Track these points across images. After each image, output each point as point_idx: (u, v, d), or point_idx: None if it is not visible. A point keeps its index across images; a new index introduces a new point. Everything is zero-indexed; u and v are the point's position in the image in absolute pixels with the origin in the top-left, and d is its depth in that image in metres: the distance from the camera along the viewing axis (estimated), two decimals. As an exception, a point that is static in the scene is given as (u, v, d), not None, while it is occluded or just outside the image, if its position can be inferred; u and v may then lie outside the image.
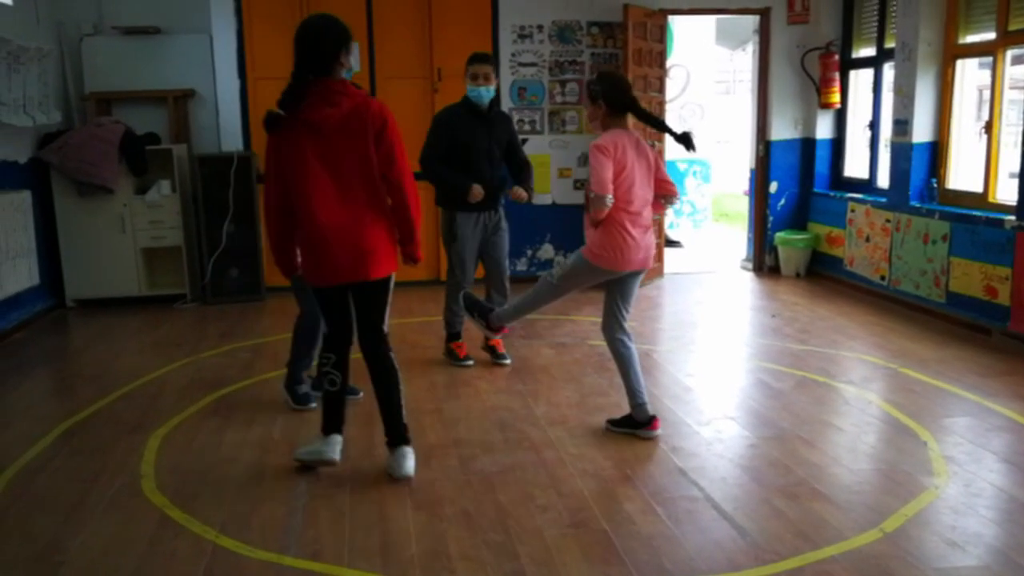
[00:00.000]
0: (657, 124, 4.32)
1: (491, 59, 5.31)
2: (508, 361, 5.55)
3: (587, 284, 4.50)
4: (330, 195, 3.60)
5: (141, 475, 3.93)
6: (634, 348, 4.39)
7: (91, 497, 3.71)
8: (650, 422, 4.32)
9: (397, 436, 3.91)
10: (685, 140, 4.19)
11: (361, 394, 4.87)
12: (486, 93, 5.23)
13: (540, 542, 3.27)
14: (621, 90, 4.25)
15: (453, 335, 5.61)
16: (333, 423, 3.95)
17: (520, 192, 5.34)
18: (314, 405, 4.70)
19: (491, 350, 5.61)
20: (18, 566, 3.15)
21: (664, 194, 4.42)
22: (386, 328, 3.90)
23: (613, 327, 4.39)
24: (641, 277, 4.39)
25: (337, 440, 3.93)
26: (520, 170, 5.46)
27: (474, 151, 5.27)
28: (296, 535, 3.35)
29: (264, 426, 4.54)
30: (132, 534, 3.38)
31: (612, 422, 4.44)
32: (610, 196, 4.12)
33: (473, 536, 3.32)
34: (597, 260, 4.25)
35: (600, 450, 4.16)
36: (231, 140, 7.75)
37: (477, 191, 5.21)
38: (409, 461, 3.87)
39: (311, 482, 3.84)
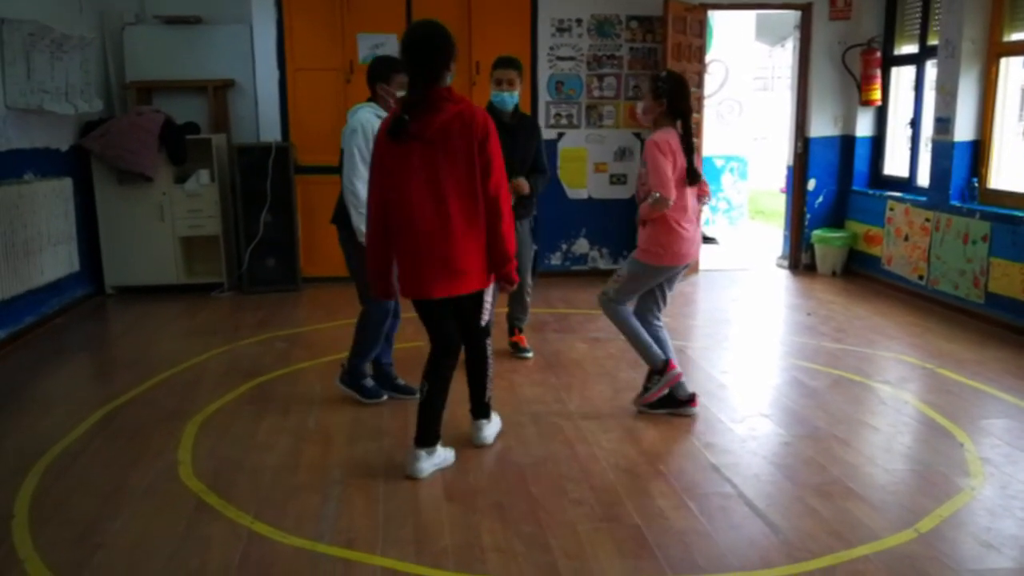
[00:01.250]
0: (690, 145, 4.31)
1: (516, 63, 5.21)
2: (530, 355, 5.57)
3: (649, 287, 4.44)
4: (427, 205, 3.55)
5: (178, 461, 3.99)
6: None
7: (129, 482, 3.78)
8: (668, 363, 4.45)
9: (479, 410, 4.15)
10: (693, 175, 4.30)
11: (417, 394, 4.88)
12: (509, 99, 5.15)
13: (572, 535, 3.28)
14: (685, 96, 4.30)
15: (510, 330, 5.69)
16: (418, 434, 3.86)
17: (521, 183, 5.16)
18: (385, 397, 4.75)
19: (514, 345, 5.64)
20: (57, 548, 3.21)
21: (698, 194, 4.47)
22: (484, 322, 3.93)
23: (651, 312, 4.45)
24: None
25: (417, 455, 3.82)
26: (531, 172, 5.34)
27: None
28: (330, 523, 3.38)
29: (300, 415, 4.59)
30: (169, 519, 3.43)
31: (639, 396, 4.55)
32: (672, 199, 4.17)
33: (506, 528, 3.34)
34: (658, 259, 4.29)
35: (633, 445, 4.15)
36: (270, 130, 7.82)
37: (521, 184, 5.14)
38: (486, 431, 4.12)
39: (345, 471, 3.87)
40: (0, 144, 5.93)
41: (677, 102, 4.26)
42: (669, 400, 4.52)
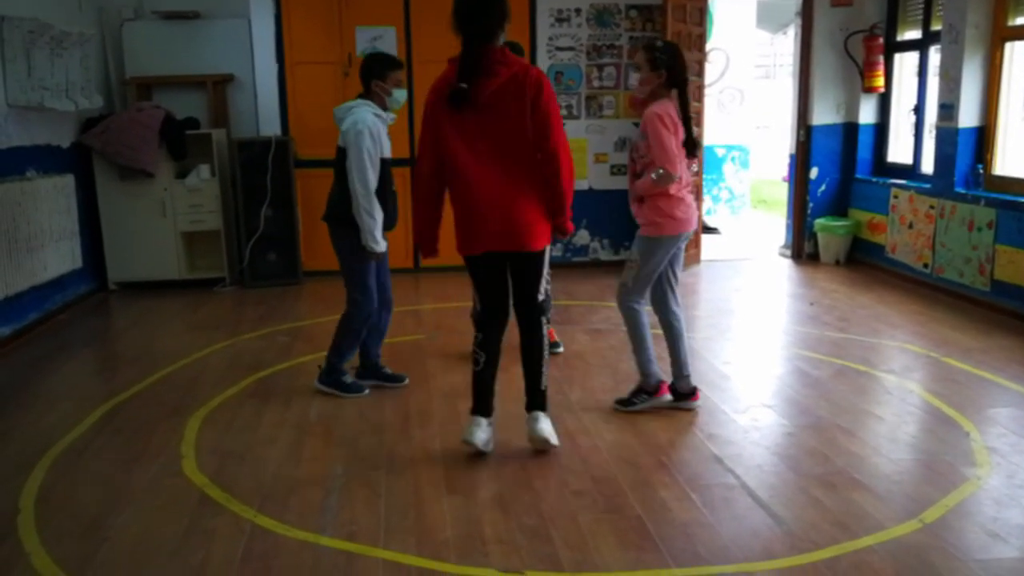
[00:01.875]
0: (687, 115, 4.25)
1: (519, 48, 5.14)
2: (560, 349, 5.51)
3: (663, 265, 4.34)
4: (486, 165, 3.58)
5: (182, 455, 3.99)
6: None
7: (133, 476, 3.78)
8: (660, 386, 4.41)
9: (535, 402, 3.96)
10: (692, 146, 4.24)
11: (407, 380, 4.89)
12: None
13: (574, 527, 3.27)
14: (683, 66, 4.22)
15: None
16: (477, 403, 3.92)
17: None
18: (367, 391, 4.74)
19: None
20: (63, 542, 3.22)
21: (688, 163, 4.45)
22: (541, 297, 3.89)
23: (668, 302, 4.41)
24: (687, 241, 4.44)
25: (477, 422, 3.88)
26: None
27: None
28: (332, 516, 3.38)
29: (302, 408, 4.59)
30: (173, 513, 3.43)
31: (622, 402, 4.48)
32: (677, 175, 4.12)
33: (507, 520, 3.33)
34: (664, 229, 4.22)
35: (635, 436, 4.14)
36: (269, 125, 7.80)
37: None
38: (542, 424, 3.91)
39: (347, 464, 3.87)
40: (1, 142, 5.92)
41: (677, 73, 4.17)
42: (672, 393, 4.49)
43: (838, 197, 8.47)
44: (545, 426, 3.94)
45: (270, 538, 3.22)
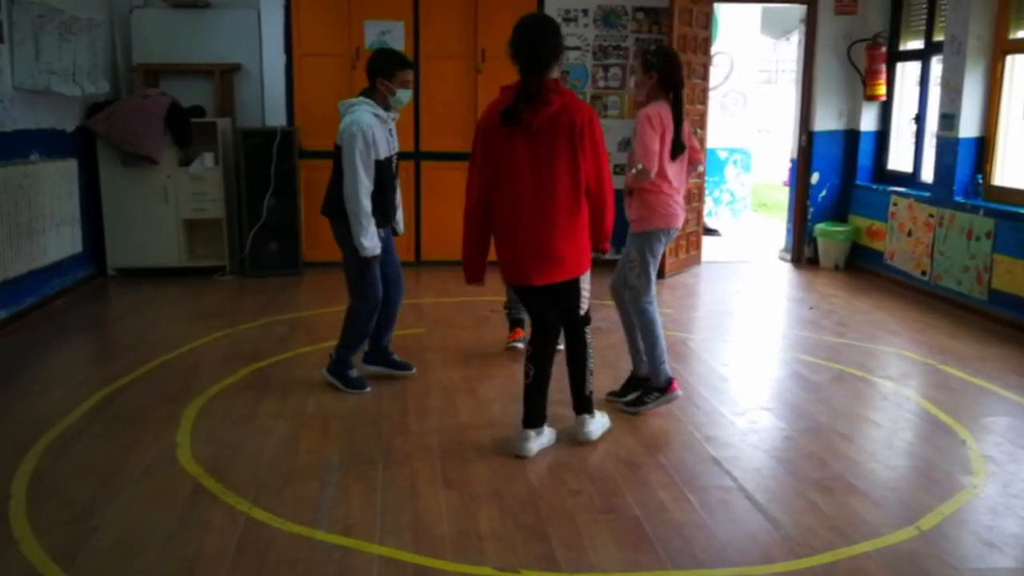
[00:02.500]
0: (679, 118, 4.34)
1: None
2: (559, 347, 5.48)
3: (658, 258, 4.46)
4: (530, 195, 3.64)
5: (177, 444, 3.98)
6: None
7: (127, 464, 3.77)
8: (671, 382, 4.46)
9: (580, 405, 4.01)
10: (678, 147, 4.33)
11: (414, 369, 4.89)
12: None
13: (571, 525, 3.27)
14: (675, 69, 4.34)
15: (513, 322, 5.60)
16: (528, 415, 3.93)
17: None
18: (368, 389, 4.70)
19: None
20: (55, 529, 3.20)
21: (691, 160, 4.56)
22: (583, 311, 3.94)
23: (649, 292, 4.44)
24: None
25: (527, 435, 3.90)
26: None
27: None
28: (328, 510, 3.38)
29: (299, 400, 4.58)
30: (166, 502, 3.42)
31: (628, 402, 4.52)
32: (654, 172, 4.22)
33: (504, 517, 3.33)
34: (655, 223, 4.34)
35: (634, 436, 4.14)
36: (275, 115, 7.79)
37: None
38: (588, 427, 3.98)
39: (344, 457, 3.87)
40: (7, 124, 5.90)
41: (669, 75, 4.29)
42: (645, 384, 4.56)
43: (838, 203, 8.48)
44: (592, 428, 4.02)
45: (264, 530, 3.21)
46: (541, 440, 3.94)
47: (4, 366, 5.12)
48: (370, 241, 4.46)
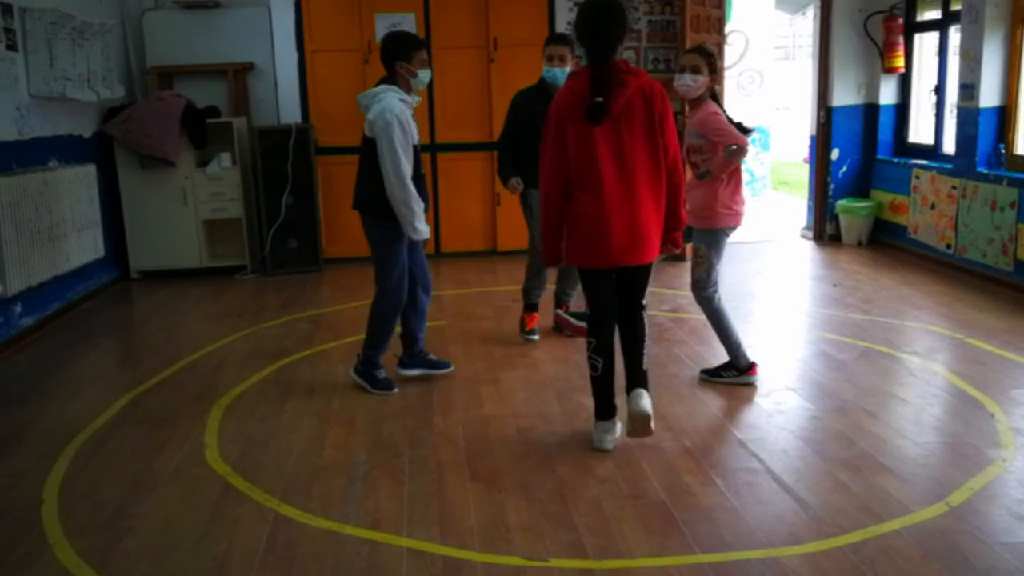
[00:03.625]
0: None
1: (568, 40, 5.22)
2: (570, 333, 5.50)
3: (723, 254, 4.62)
4: (613, 177, 3.62)
5: (205, 444, 4.01)
6: None
7: (156, 465, 3.81)
8: (752, 367, 4.59)
9: (638, 380, 3.85)
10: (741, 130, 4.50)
11: (452, 367, 4.88)
12: (560, 75, 5.12)
13: (598, 513, 3.27)
14: (721, 72, 4.45)
15: (528, 306, 5.60)
16: (601, 408, 3.89)
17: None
18: (396, 390, 4.65)
19: (560, 326, 5.60)
20: (87, 532, 3.24)
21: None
22: (645, 301, 3.95)
23: (712, 283, 4.57)
24: None
25: (606, 427, 3.87)
26: None
27: (539, 136, 5.17)
28: (356, 504, 3.39)
29: (324, 396, 4.60)
30: (196, 502, 3.46)
31: (709, 372, 4.69)
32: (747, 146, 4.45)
33: (531, 507, 3.33)
34: (727, 220, 4.49)
35: (658, 421, 4.10)
36: (289, 112, 7.81)
37: (512, 186, 5.27)
38: (644, 401, 3.78)
39: (370, 452, 3.88)
40: (24, 132, 5.95)
41: (719, 75, 4.39)
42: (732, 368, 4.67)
43: (859, 178, 8.39)
44: (646, 403, 3.80)
45: (293, 527, 3.24)
46: (617, 431, 3.92)
47: (32, 372, 5.18)
48: (423, 224, 4.46)
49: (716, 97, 4.55)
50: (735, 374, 4.60)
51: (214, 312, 6.53)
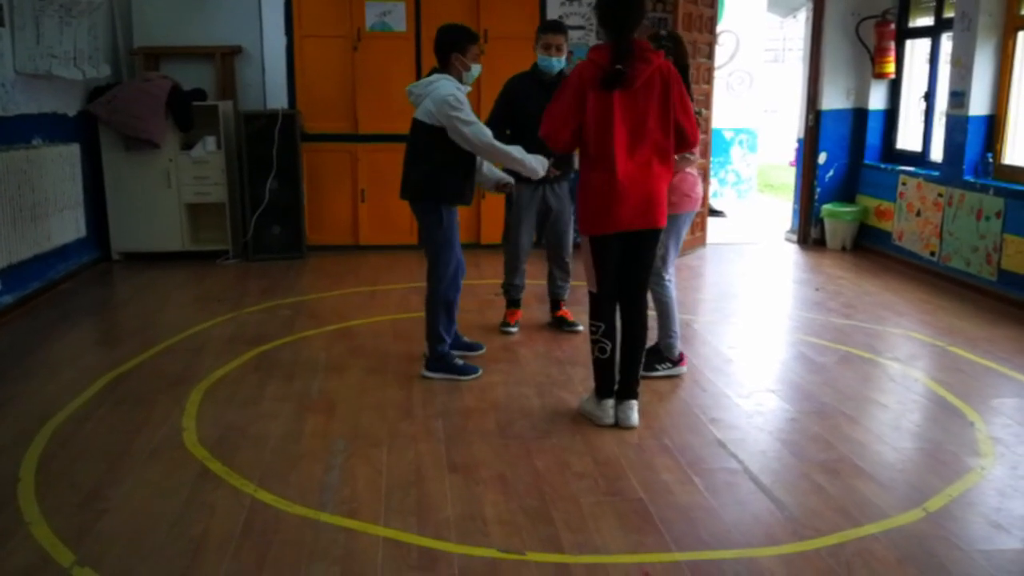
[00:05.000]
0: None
1: (565, 29, 5.22)
2: (580, 329, 5.45)
3: (682, 240, 4.70)
4: (629, 145, 3.82)
5: (183, 428, 3.98)
6: None
7: (134, 447, 3.77)
8: (682, 357, 4.72)
9: (630, 390, 4.07)
10: None
11: (484, 348, 4.91)
12: (557, 64, 5.13)
13: (576, 509, 3.26)
14: (684, 54, 4.46)
15: (510, 302, 5.60)
16: (606, 388, 4.07)
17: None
18: (480, 372, 4.70)
19: (560, 320, 5.60)
20: (63, 512, 3.21)
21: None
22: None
23: (668, 271, 4.62)
24: None
25: (610, 404, 4.05)
26: None
27: (533, 121, 5.14)
28: (333, 492, 3.38)
29: (304, 383, 4.58)
30: (173, 485, 3.43)
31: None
32: (697, 153, 4.55)
33: (509, 501, 3.32)
34: (684, 206, 4.54)
35: (638, 419, 4.12)
36: (276, 97, 7.76)
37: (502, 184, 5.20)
38: (634, 415, 4.03)
39: (349, 441, 3.86)
40: (9, 109, 5.88)
41: (678, 59, 4.33)
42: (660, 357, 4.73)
43: (846, 183, 8.42)
44: (635, 417, 4.05)
45: (270, 513, 3.22)
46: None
47: (11, 350, 5.12)
48: (533, 162, 4.55)
49: (686, 82, 4.42)
50: (669, 366, 4.69)
51: (195, 296, 6.48)
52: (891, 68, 7.90)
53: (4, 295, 5.77)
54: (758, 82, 11.10)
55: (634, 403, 4.05)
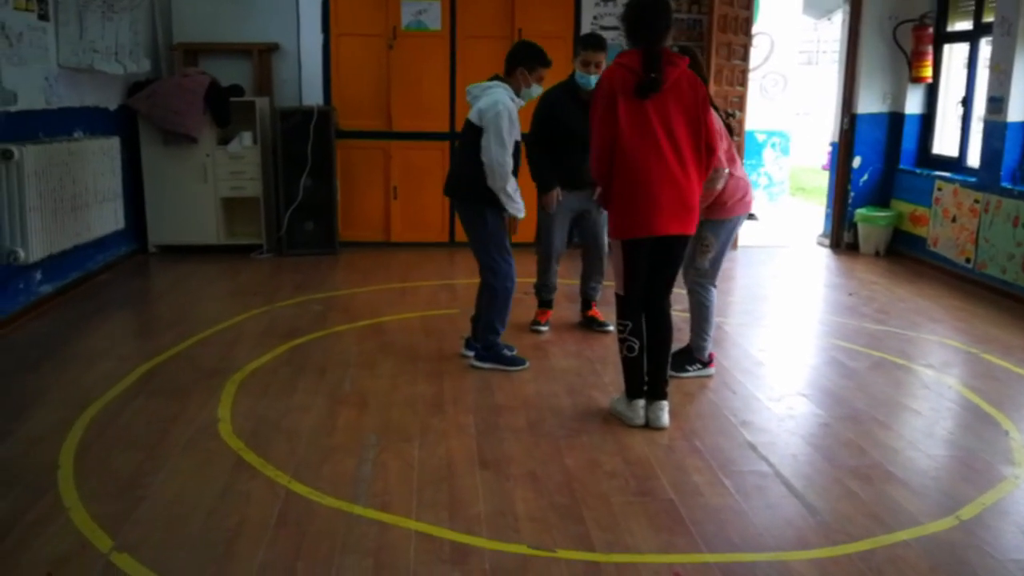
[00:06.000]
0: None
1: (606, 46, 5.19)
2: (610, 328, 5.42)
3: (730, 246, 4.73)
4: (664, 148, 3.82)
5: (218, 418, 4.04)
6: None
7: (170, 437, 3.83)
8: (711, 360, 4.76)
9: (660, 391, 4.08)
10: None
11: (528, 364, 4.85)
12: (594, 80, 5.09)
13: (606, 507, 3.28)
14: (699, 68, 4.37)
15: (542, 302, 5.63)
16: (636, 388, 4.08)
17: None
18: (528, 363, 4.80)
19: (591, 320, 5.61)
20: (101, 499, 3.27)
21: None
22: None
23: (715, 278, 4.68)
24: None
25: (640, 404, 4.06)
26: None
27: (571, 136, 5.15)
28: (366, 485, 3.41)
29: (336, 377, 4.62)
30: (209, 475, 3.48)
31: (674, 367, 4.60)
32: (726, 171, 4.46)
33: (539, 498, 3.34)
34: (737, 210, 4.55)
35: (669, 419, 4.12)
36: (312, 94, 7.83)
37: (549, 201, 5.27)
38: (664, 415, 4.04)
39: (380, 435, 3.90)
40: (52, 102, 5.98)
41: (695, 69, 4.32)
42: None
43: (880, 187, 8.35)
44: (666, 418, 4.06)
45: (304, 504, 3.26)
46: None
47: (49, 339, 5.21)
48: (520, 203, 4.64)
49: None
50: (699, 367, 4.72)
51: (229, 289, 6.56)
52: (928, 72, 7.83)
53: (44, 284, 5.87)
54: (792, 84, 11.04)
55: (664, 404, 4.07)
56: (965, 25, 7.62)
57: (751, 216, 10.03)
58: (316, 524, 3.12)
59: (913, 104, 8.10)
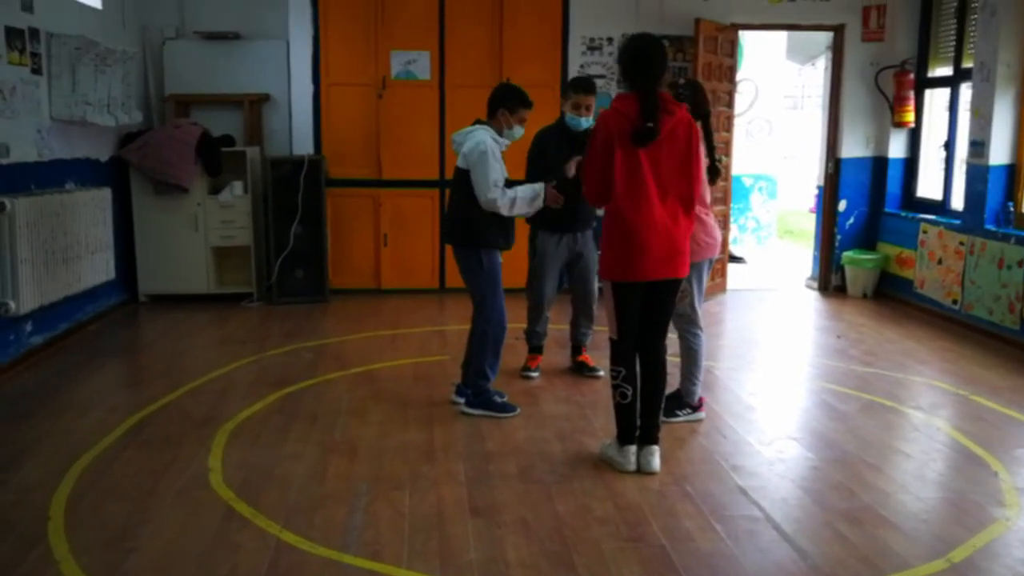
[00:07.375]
0: (711, 145, 4.63)
1: (595, 89, 5.30)
2: (601, 374, 5.45)
3: (705, 286, 4.76)
4: (655, 195, 3.89)
5: (209, 468, 4.03)
6: None
7: (161, 487, 3.82)
8: (700, 404, 4.78)
9: (651, 435, 4.08)
10: (712, 171, 4.61)
11: (518, 410, 4.85)
12: (584, 123, 5.20)
13: (597, 553, 3.27)
14: (704, 101, 4.57)
15: (532, 348, 5.65)
16: (627, 434, 4.08)
17: (570, 165, 5.02)
18: (519, 410, 4.82)
19: (581, 365, 5.63)
20: (91, 551, 3.25)
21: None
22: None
23: (700, 320, 4.69)
24: None
25: (631, 450, 4.06)
26: None
27: (561, 173, 5.20)
28: (357, 534, 3.40)
29: (327, 425, 4.62)
30: (200, 525, 3.47)
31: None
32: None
33: (530, 544, 3.34)
34: (704, 253, 4.55)
35: (660, 464, 4.13)
36: (302, 144, 7.90)
37: (550, 195, 5.18)
38: (657, 459, 4.06)
39: (371, 483, 3.89)
40: (44, 154, 6.03)
41: (697, 106, 4.47)
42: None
43: (866, 230, 8.44)
44: (657, 463, 4.07)
45: (295, 554, 3.25)
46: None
47: (40, 389, 5.20)
48: (529, 195, 4.66)
49: (707, 128, 4.60)
50: (689, 411, 4.73)
51: (219, 338, 6.56)
52: (910, 117, 7.96)
53: (34, 336, 5.87)
54: (777, 129, 11.19)
55: (656, 449, 4.07)
56: (945, 71, 7.76)
57: (739, 259, 10.17)
58: (307, 574, 3.11)
59: (896, 148, 8.23)
